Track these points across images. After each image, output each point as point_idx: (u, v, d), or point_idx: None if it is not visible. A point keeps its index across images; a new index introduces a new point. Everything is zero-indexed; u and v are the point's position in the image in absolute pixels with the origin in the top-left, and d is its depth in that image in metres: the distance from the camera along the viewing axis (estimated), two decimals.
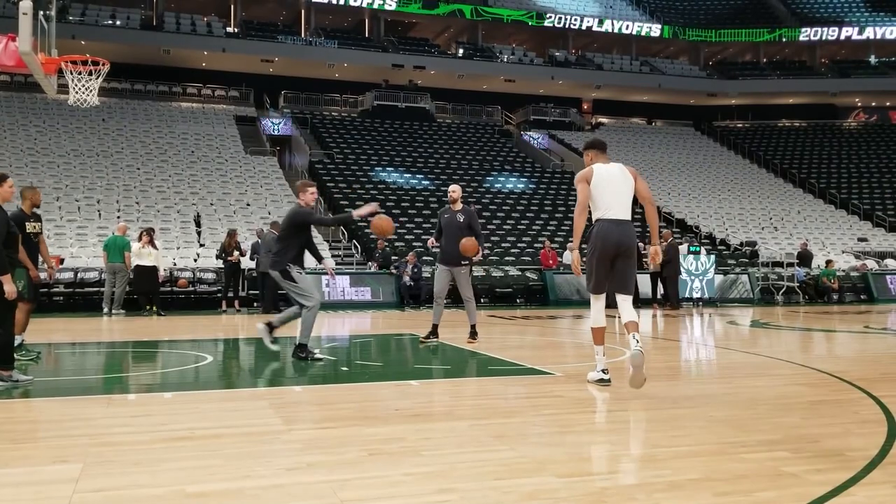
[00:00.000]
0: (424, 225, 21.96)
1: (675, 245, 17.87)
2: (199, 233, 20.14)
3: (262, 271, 15.40)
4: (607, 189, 5.60)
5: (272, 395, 5.58)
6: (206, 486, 3.19)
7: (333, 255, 19.93)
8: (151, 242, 15.07)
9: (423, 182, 26.36)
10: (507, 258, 20.81)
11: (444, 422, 4.56)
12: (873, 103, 41.52)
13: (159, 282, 15.31)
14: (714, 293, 18.57)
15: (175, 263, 17.46)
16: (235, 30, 34.82)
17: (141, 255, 14.82)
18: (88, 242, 18.20)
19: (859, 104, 41.84)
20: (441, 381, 6.52)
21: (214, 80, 32.65)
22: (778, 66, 42.19)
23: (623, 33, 39.84)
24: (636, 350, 5.33)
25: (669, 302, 17.09)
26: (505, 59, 36.83)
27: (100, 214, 20.27)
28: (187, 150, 25.99)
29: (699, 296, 18.25)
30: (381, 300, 17.12)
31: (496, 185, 27.39)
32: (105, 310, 14.64)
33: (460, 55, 37.03)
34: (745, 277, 20.14)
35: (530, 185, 27.94)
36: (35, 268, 7.52)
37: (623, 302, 5.64)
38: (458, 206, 9.03)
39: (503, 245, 21.93)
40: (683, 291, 17.91)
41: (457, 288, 9.03)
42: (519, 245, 22.09)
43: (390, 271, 17.90)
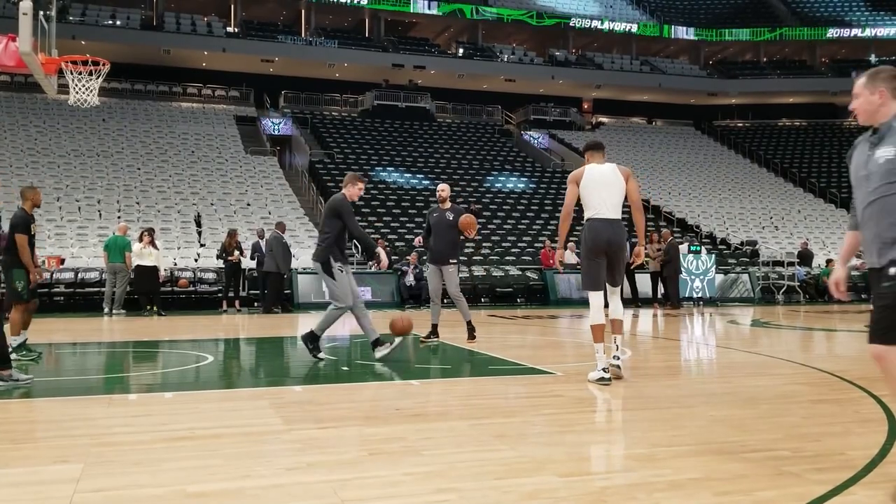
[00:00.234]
0: (424, 224, 21.91)
1: (676, 244, 17.86)
2: (200, 233, 20.14)
3: (266, 271, 15.41)
4: (596, 189, 5.83)
5: (272, 394, 5.58)
6: (206, 486, 3.19)
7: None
8: (152, 242, 15.08)
9: (424, 182, 26.35)
10: (507, 258, 20.80)
11: (444, 421, 4.56)
12: None
13: (160, 282, 15.32)
14: (714, 292, 18.57)
15: (175, 263, 17.47)
16: (235, 30, 34.82)
17: (142, 256, 14.83)
18: (89, 242, 18.21)
19: None
20: (441, 380, 6.52)
21: (214, 80, 32.66)
22: (778, 65, 42.18)
23: (623, 33, 39.83)
24: (616, 364, 5.88)
25: (670, 301, 17.09)
26: (505, 59, 36.82)
27: (100, 214, 20.28)
28: (187, 150, 25.99)
29: (700, 295, 18.25)
30: (381, 300, 17.13)
31: (496, 184, 27.39)
32: (105, 310, 14.65)
33: (460, 55, 37.01)
34: (745, 277, 20.14)
35: (531, 185, 27.93)
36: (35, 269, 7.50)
37: (611, 294, 6.01)
38: (447, 204, 9.04)
39: (503, 245, 21.92)
40: (684, 291, 17.90)
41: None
42: (519, 245, 22.08)
43: (390, 271, 17.88)
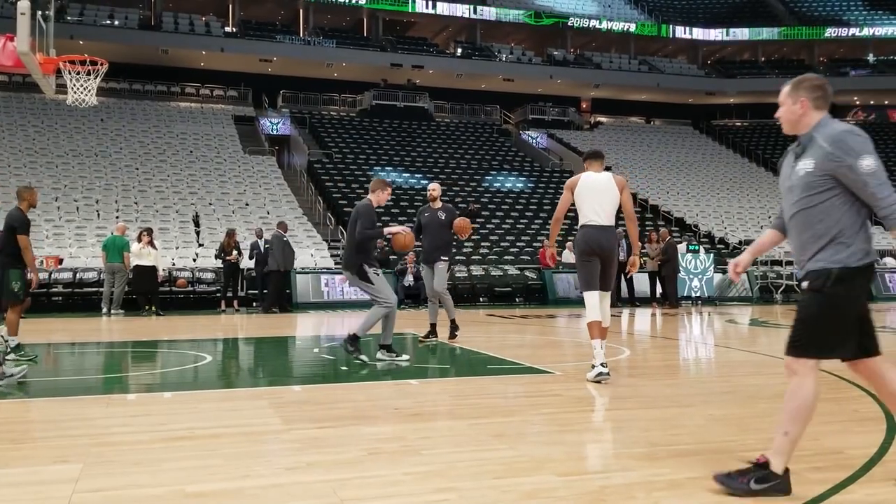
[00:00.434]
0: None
1: (674, 244, 17.86)
2: (198, 233, 20.12)
3: (270, 270, 15.38)
4: (590, 196, 6.08)
5: (271, 394, 5.58)
6: (205, 486, 3.19)
7: (332, 255, 19.92)
8: (151, 242, 15.07)
9: (423, 181, 26.32)
10: (505, 257, 20.81)
11: (443, 421, 4.56)
12: (872, 102, 41.51)
13: (158, 282, 15.31)
14: (713, 292, 18.57)
15: (174, 263, 17.44)
16: (234, 29, 34.79)
17: (141, 256, 14.82)
18: (87, 242, 18.19)
19: (858, 103, 41.85)
20: (440, 380, 6.52)
21: (213, 79, 32.62)
22: (776, 64, 42.17)
23: (622, 32, 39.83)
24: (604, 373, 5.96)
25: (668, 301, 17.09)
26: (503, 59, 36.80)
27: (98, 214, 20.26)
28: (186, 149, 25.96)
29: (698, 294, 18.26)
30: None
31: (495, 184, 27.39)
32: (104, 310, 14.63)
33: (459, 54, 36.99)
34: (743, 276, 20.09)
35: (529, 185, 27.93)
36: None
37: (603, 297, 6.23)
38: (438, 204, 9.02)
39: (502, 244, 21.92)
40: (682, 290, 17.91)
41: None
42: (518, 244, 22.08)
43: (391, 271, 17.86)
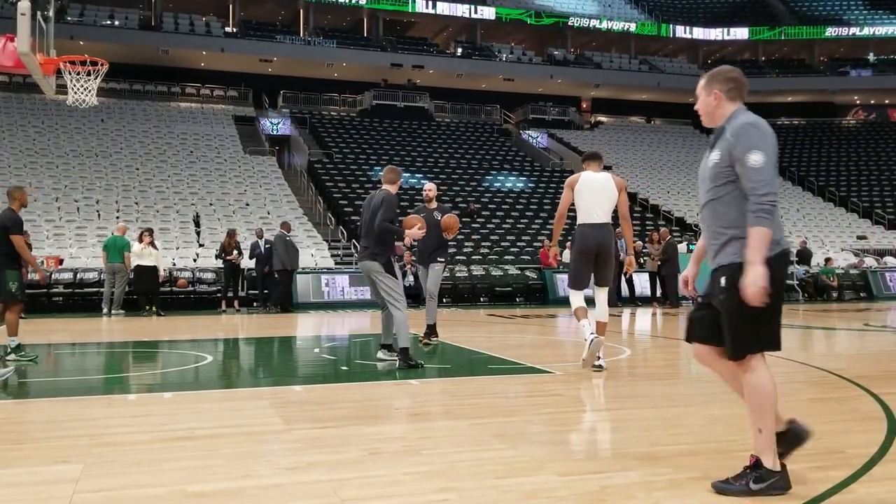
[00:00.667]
0: None
1: (674, 244, 17.85)
2: (199, 233, 20.13)
3: (277, 269, 15.33)
4: (589, 195, 6.27)
5: (272, 394, 5.58)
6: (206, 486, 3.19)
7: (332, 255, 19.93)
8: (152, 243, 15.08)
9: (423, 181, 26.28)
10: (506, 257, 20.80)
11: (443, 421, 4.56)
12: (872, 101, 41.52)
13: (159, 282, 15.31)
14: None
15: (174, 263, 17.45)
16: (234, 30, 34.78)
17: (142, 256, 14.82)
18: (88, 243, 18.19)
19: (858, 102, 41.84)
20: (440, 380, 6.52)
21: (213, 80, 32.62)
22: (777, 64, 42.18)
23: (622, 32, 39.81)
24: (598, 365, 6.30)
25: (668, 300, 17.09)
26: (504, 59, 36.79)
27: (99, 215, 20.26)
28: (186, 150, 25.97)
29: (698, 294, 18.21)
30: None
31: (495, 184, 27.39)
32: (104, 310, 14.63)
33: (459, 54, 36.98)
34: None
35: (529, 184, 27.93)
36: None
37: (599, 292, 6.45)
38: (434, 204, 8.99)
39: (502, 244, 21.92)
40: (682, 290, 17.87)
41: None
42: (518, 244, 22.08)
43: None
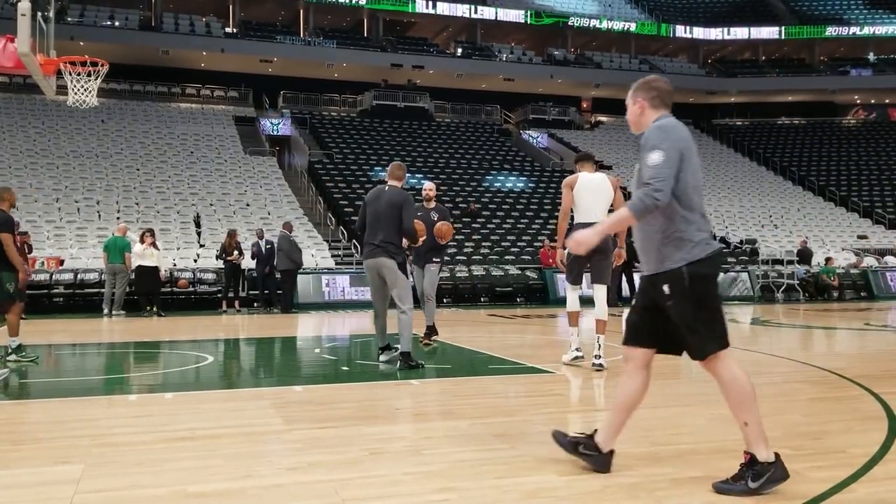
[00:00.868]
0: None
1: None
2: (199, 233, 20.13)
3: (282, 269, 15.30)
4: (587, 195, 6.51)
5: (273, 394, 5.58)
6: (207, 486, 3.19)
7: (333, 255, 19.93)
8: (154, 243, 15.08)
9: (423, 181, 26.28)
10: (506, 257, 20.80)
11: (444, 421, 4.56)
12: (872, 101, 41.50)
13: (161, 282, 15.31)
14: None
15: (175, 264, 17.44)
16: (234, 30, 34.79)
17: (144, 256, 14.83)
18: (88, 243, 18.19)
19: (858, 101, 41.83)
20: (441, 380, 6.52)
21: (213, 80, 32.62)
22: (777, 63, 42.18)
23: (622, 31, 39.81)
24: (599, 364, 6.35)
25: None
26: (504, 59, 36.79)
27: (99, 215, 20.27)
28: (186, 150, 25.97)
29: None
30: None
31: (496, 184, 27.39)
32: (105, 311, 14.64)
33: (459, 54, 36.98)
34: (745, 275, 20.13)
35: (529, 184, 27.92)
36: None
37: (598, 291, 6.66)
38: (432, 204, 8.95)
39: (503, 244, 21.92)
40: None
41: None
42: (519, 244, 22.08)
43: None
